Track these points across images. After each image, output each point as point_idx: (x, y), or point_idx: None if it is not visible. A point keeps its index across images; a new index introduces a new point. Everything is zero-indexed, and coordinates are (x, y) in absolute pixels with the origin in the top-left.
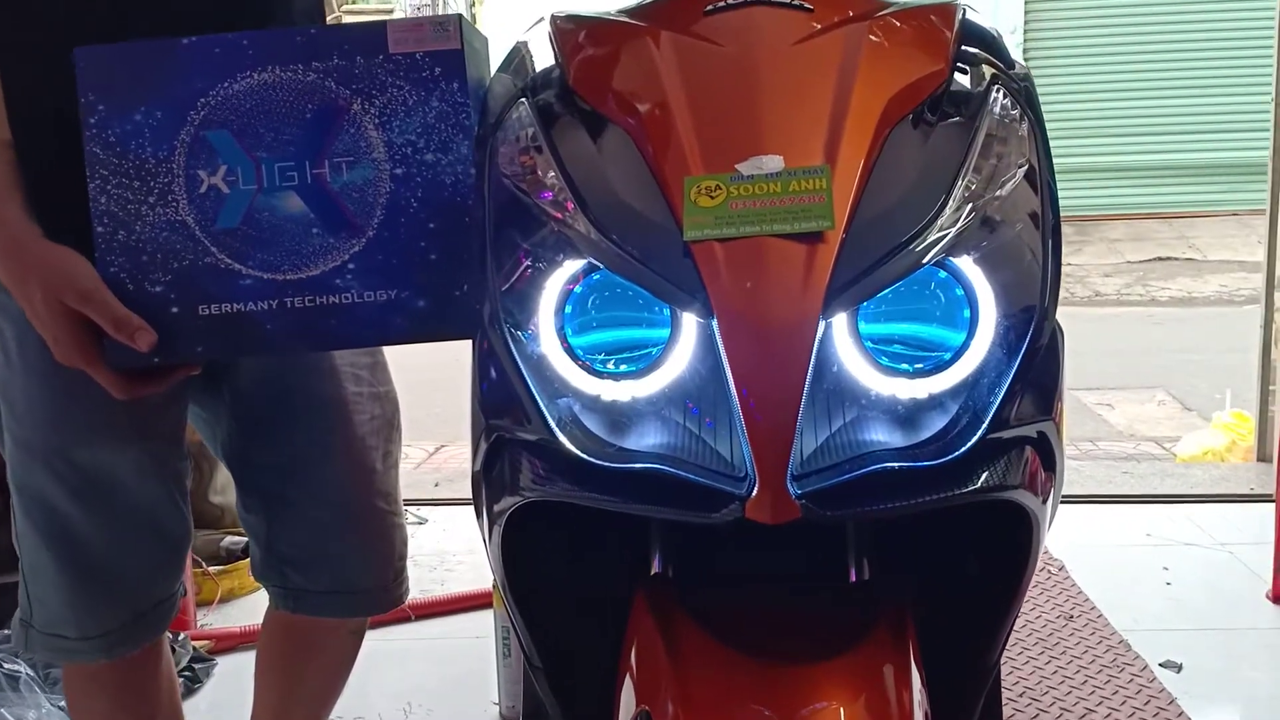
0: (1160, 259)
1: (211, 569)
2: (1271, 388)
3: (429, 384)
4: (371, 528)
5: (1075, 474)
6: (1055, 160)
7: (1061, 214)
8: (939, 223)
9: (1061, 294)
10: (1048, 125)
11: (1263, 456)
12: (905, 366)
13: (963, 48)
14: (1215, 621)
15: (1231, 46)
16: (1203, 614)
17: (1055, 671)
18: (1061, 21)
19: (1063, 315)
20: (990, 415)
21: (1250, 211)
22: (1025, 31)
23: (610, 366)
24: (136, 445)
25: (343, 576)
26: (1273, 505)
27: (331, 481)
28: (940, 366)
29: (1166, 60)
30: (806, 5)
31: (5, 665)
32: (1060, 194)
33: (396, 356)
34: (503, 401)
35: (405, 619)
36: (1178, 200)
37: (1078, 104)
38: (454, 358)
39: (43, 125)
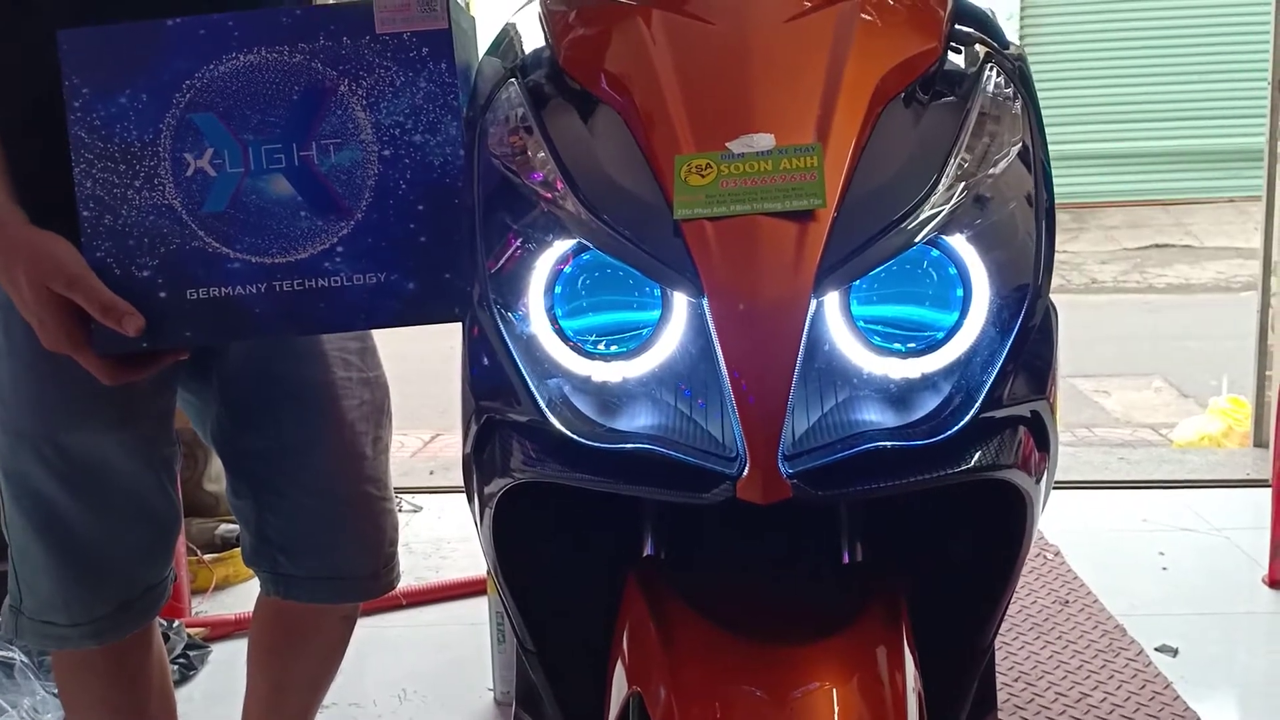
0: (1157, 246)
1: (206, 557)
2: (1268, 373)
3: (425, 372)
4: (361, 514)
5: (1071, 460)
6: (1052, 147)
7: (1057, 201)
8: (931, 201)
9: (1058, 281)
10: (1045, 111)
11: (1259, 442)
12: (898, 346)
13: (956, 26)
14: (1211, 606)
15: (1228, 32)
16: (1199, 599)
17: (1051, 656)
18: (1058, 7)
19: (1059, 302)
20: (983, 394)
21: (1247, 198)
22: (1022, 17)
23: (601, 348)
24: (125, 431)
25: (332, 563)
26: (1269, 490)
27: (321, 468)
28: (933, 346)
29: (1163, 46)
30: None
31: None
32: (1056, 181)
33: (392, 344)
34: (493, 383)
35: (399, 605)
36: (1174, 187)
37: (1074, 90)
38: (450, 346)
39: (27, 109)
